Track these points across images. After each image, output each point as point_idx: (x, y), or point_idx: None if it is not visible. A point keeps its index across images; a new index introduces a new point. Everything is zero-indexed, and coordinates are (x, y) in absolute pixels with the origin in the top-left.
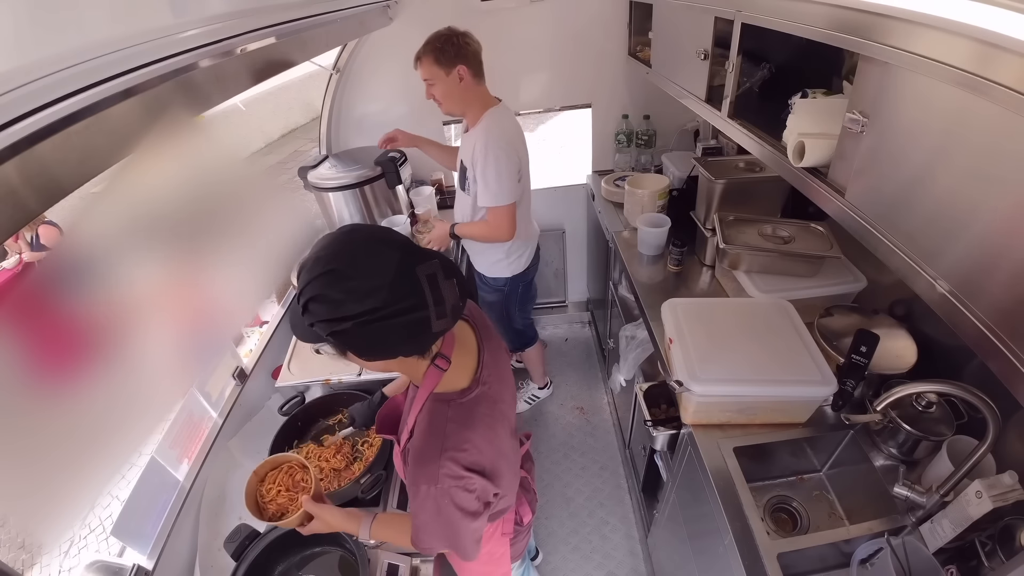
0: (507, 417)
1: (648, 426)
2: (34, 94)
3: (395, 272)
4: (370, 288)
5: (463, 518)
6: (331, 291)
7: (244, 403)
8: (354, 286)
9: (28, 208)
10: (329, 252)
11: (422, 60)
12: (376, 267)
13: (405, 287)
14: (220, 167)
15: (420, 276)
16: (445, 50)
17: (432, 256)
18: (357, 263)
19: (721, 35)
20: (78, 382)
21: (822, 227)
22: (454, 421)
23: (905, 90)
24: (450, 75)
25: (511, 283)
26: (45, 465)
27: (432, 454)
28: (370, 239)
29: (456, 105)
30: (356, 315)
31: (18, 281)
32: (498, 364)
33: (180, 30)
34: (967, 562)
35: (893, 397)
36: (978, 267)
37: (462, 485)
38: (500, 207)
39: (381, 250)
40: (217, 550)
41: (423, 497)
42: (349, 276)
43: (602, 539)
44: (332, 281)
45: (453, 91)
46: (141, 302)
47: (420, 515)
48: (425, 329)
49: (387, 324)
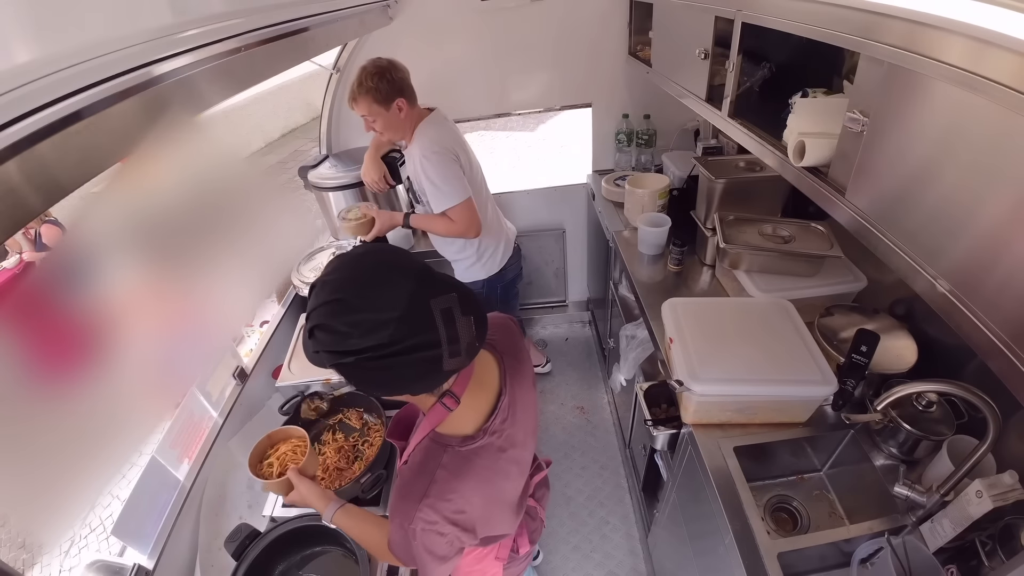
0: (516, 461)
1: (648, 426)
2: (34, 94)
3: (407, 305)
4: (377, 322)
5: (431, 560)
6: (336, 322)
7: (244, 403)
8: (360, 319)
9: (29, 207)
10: (339, 277)
11: (359, 100)
12: (387, 299)
13: (417, 322)
14: (220, 167)
15: (434, 310)
16: (380, 88)
17: (450, 289)
18: (366, 293)
19: (721, 34)
20: (79, 382)
21: (822, 227)
22: (446, 468)
23: (905, 89)
24: (390, 109)
25: (488, 285)
26: (45, 465)
27: (414, 495)
28: (383, 265)
29: (398, 133)
30: (360, 351)
31: (19, 281)
32: (518, 404)
33: (180, 30)
34: (967, 562)
35: (893, 397)
36: (979, 266)
37: (435, 530)
38: (457, 205)
39: (394, 279)
40: (217, 550)
41: (395, 527)
42: (356, 308)
43: (602, 538)
44: (338, 311)
45: (394, 122)
46: (141, 302)
47: (393, 537)
48: (435, 369)
49: (393, 361)
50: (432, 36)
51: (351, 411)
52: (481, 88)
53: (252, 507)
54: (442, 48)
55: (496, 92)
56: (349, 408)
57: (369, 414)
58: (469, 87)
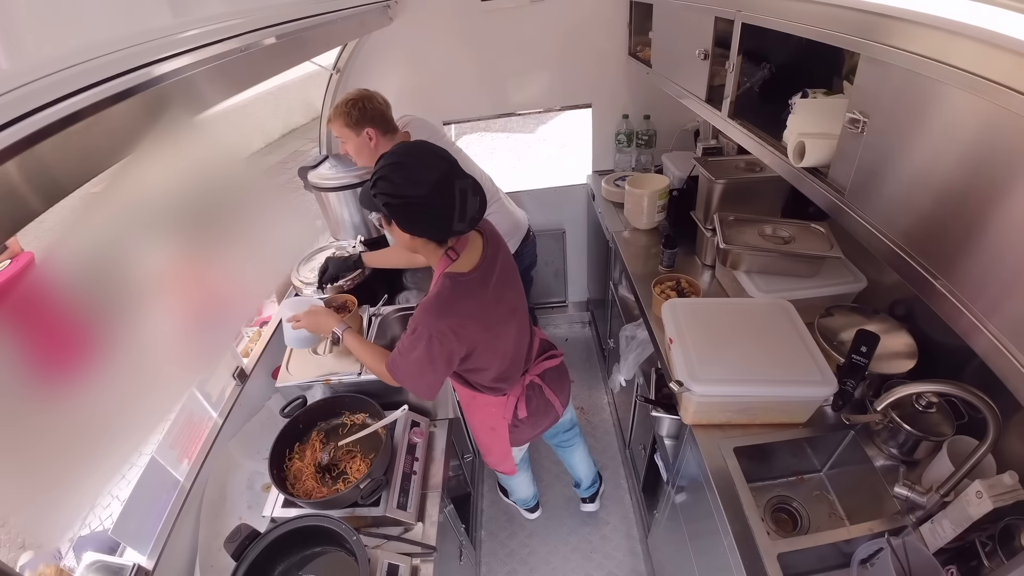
0: (504, 300)
1: (649, 406)
2: (34, 94)
3: (439, 178)
4: (419, 182)
5: (426, 366)
6: (394, 175)
7: (244, 403)
8: (409, 175)
9: (28, 208)
10: (401, 150)
11: (332, 122)
12: (428, 170)
13: (444, 190)
14: (220, 167)
15: (456, 187)
16: (351, 114)
17: (469, 177)
18: (416, 164)
19: (721, 35)
20: (78, 382)
21: (822, 227)
22: (451, 290)
23: (906, 90)
24: (360, 136)
25: None
26: (45, 465)
27: (429, 309)
28: (430, 152)
29: (368, 160)
30: (404, 196)
31: (18, 281)
32: (498, 260)
33: (180, 30)
34: (967, 562)
35: (893, 397)
36: (978, 266)
37: (439, 337)
38: None
39: (435, 161)
40: (217, 550)
41: (405, 339)
42: (409, 169)
43: (602, 539)
44: (396, 169)
45: (363, 149)
46: (141, 302)
47: (394, 356)
48: (448, 225)
49: (422, 210)
50: (432, 36)
51: (354, 415)
52: (481, 88)
53: (252, 507)
54: (442, 48)
55: (496, 92)
56: (354, 412)
57: (371, 417)
58: (469, 87)
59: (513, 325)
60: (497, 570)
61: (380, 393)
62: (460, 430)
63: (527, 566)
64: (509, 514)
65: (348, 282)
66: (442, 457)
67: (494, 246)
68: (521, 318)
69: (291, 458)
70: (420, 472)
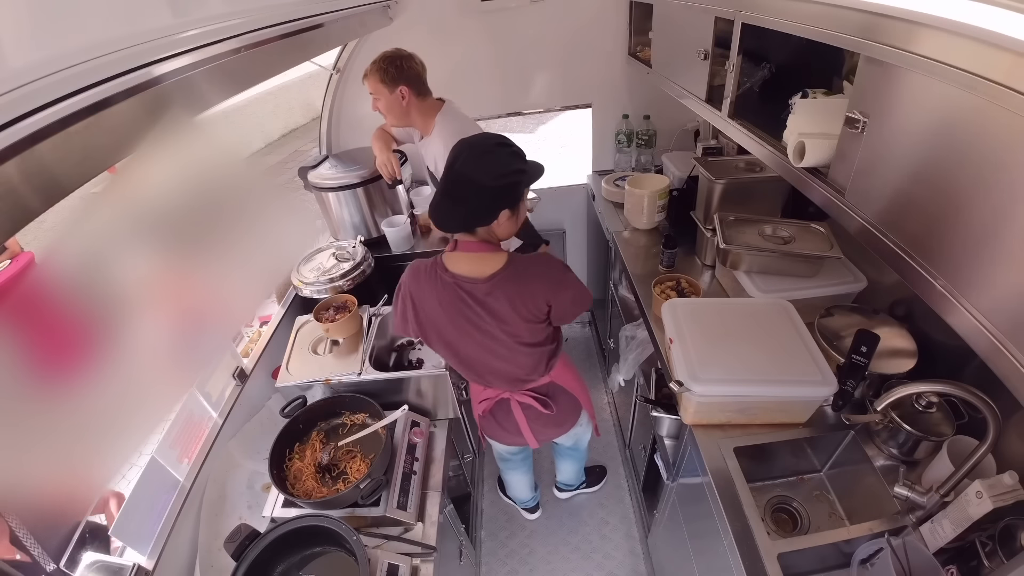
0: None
1: (649, 406)
2: (34, 94)
3: (531, 167)
4: (526, 161)
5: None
6: (520, 152)
7: (244, 403)
8: (523, 154)
9: (28, 208)
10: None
11: (368, 77)
12: (527, 159)
13: (531, 176)
14: (220, 167)
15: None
16: (388, 71)
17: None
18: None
19: (721, 35)
20: (78, 382)
21: (822, 227)
22: (436, 262)
23: (905, 90)
24: (393, 93)
25: None
26: (45, 465)
27: (424, 262)
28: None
29: (398, 119)
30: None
31: (18, 281)
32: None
33: (180, 30)
34: (967, 562)
35: (893, 397)
36: (978, 266)
37: (401, 290)
38: None
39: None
40: (217, 550)
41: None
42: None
43: (602, 539)
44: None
45: (395, 107)
46: (141, 302)
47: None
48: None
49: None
50: (432, 37)
51: (354, 415)
52: (481, 89)
53: (252, 507)
54: (442, 49)
55: (496, 93)
56: (354, 412)
57: (371, 418)
58: (469, 88)
59: (476, 342)
60: (497, 570)
61: (380, 393)
62: (460, 430)
63: (527, 566)
64: (509, 514)
65: (348, 282)
66: (442, 457)
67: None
68: (498, 346)
69: (291, 458)
70: (420, 472)
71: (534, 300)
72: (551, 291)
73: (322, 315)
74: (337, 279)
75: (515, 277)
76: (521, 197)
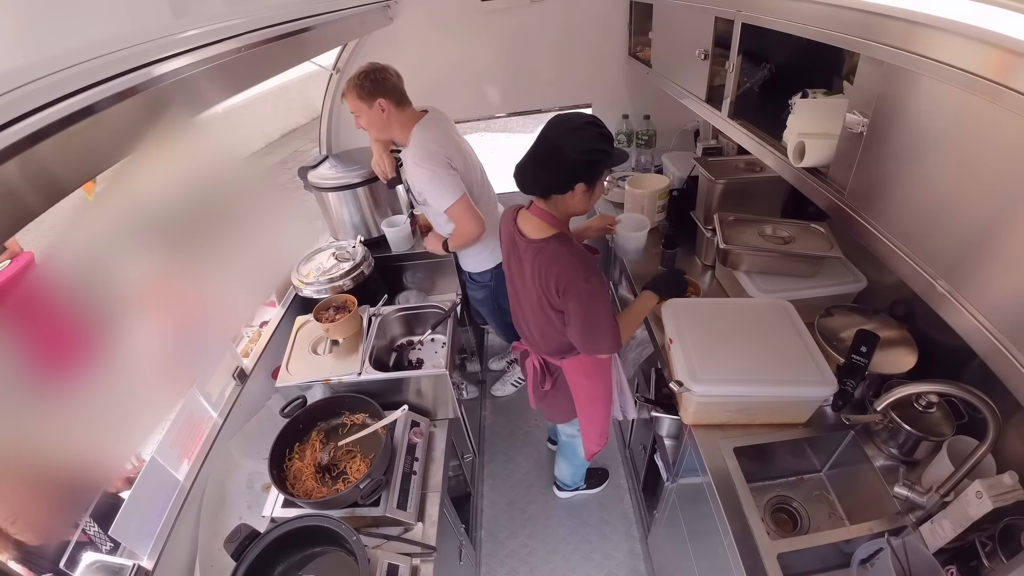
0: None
1: (650, 406)
2: (34, 94)
3: (614, 152)
4: (610, 148)
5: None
6: (608, 134)
7: (244, 403)
8: (609, 139)
9: (28, 208)
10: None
11: (346, 96)
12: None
13: (615, 160)
14: (220, 167)
15: (612, 161)
16: (363, 85)
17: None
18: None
19: (721, 35)
20: (78, 382)
21: (822, 227)
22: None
23: (906, 90)
24: (372, 108)
25: (496, 275)
26: (45, 466)
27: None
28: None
29: (382, 132)
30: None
31: (18, 281)
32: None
33: (180, 30)
34: (967, 562)
35: (893, 397)
36: (978, 266)
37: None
38: (453, 205)
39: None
40: (217, 550)
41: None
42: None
43: (602, 539)
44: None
45: (376, 121)
46: (141, 302)
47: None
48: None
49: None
50: (432, 37)
51: (354, 415)
52: (481, 88)
53: (252, 507)
54: (442, 49)
55: (496, 93)
56: (354, 412)
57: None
58: (469, 88)
59: (515, 286)
60: (497, 570)
61: (380, 393)
62: (460, 430)
63: (527, 566)
64: (509, 514)
65: (348, 281)
66: (442, 457)
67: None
68: (525, 299)
69: (291, 458)
70: (420, 472)
71: (547, 281)
72: (563, 286)
73: (322, 315)
74: (337, 279)
75: (547, 253)
76: (599, 176)
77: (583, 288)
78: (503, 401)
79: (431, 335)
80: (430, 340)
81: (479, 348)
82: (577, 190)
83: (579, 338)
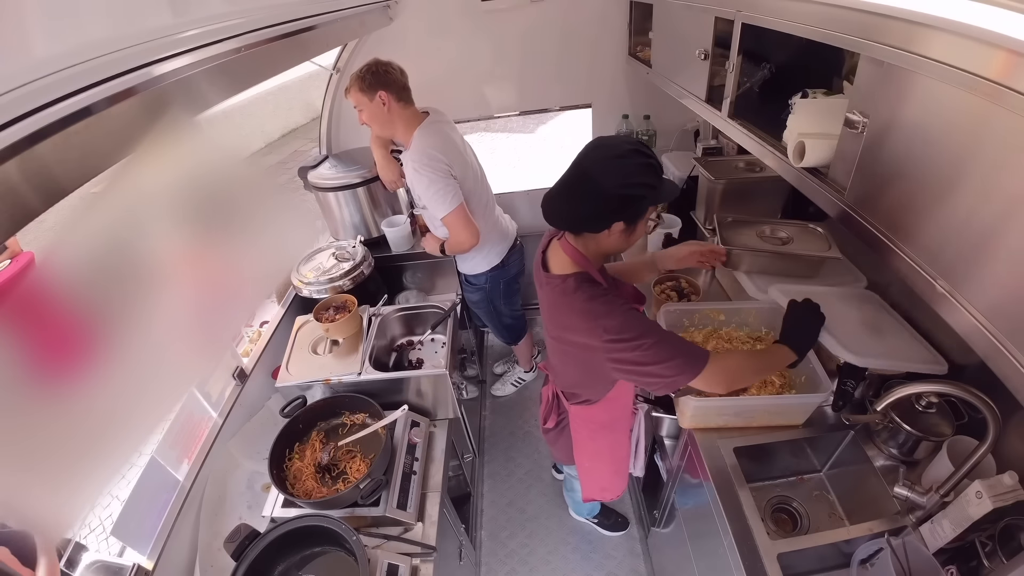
0: None
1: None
2: (34, 94)
3: (666, 188)
4: (656, 181)
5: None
6: (656, 165)
7: (244, 403)
8: (657, 171)
9: (28, 208)
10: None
11: (349, 90)
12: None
13: (657, 198)
14: (220, 167)
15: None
16: (365, 78)
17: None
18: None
19: (721, 35)
20: (78, 382)
21: (821, 228)
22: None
23: (905, 90)
24: (373, 101)
25: (491, 279)
26: (44, 466)
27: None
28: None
29: (384, 128)
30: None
31: (18, 280)
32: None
33: (180, 30)
34: (967, 562)
35: (893, 397)
36: (978, 266)
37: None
38: (449, 213)
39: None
40: (217, 550)
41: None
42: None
43: (602, 539)
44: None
45: (378, 115)
46: (141, 302)
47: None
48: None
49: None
50: (432, 37)
51: (354, 415)
52: (481, 88)
53: (252, 507)
54: (442, 49)
55: (496, 92)
56: (353, 412)
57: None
58: (469, 87)
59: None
60: (497, 570)
61: (380, 393)
62: (460, 430)
63: (527, 566)
64: (509, 514)
65: (348, 281)
66: (442, 457)
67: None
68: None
69: (291, 458)
70: (420, 472)
71: (561, 321)
72: (581, 336)
73: (322, 315)
74: (337, 279)
75: (562, 292)
76: (642, 214)
77: (610, 324)
78: (503, 401)
79: (431, 335)
80: (430, 340)
81: (479, 349)
82: (614, 229)
83: (658, 374)
